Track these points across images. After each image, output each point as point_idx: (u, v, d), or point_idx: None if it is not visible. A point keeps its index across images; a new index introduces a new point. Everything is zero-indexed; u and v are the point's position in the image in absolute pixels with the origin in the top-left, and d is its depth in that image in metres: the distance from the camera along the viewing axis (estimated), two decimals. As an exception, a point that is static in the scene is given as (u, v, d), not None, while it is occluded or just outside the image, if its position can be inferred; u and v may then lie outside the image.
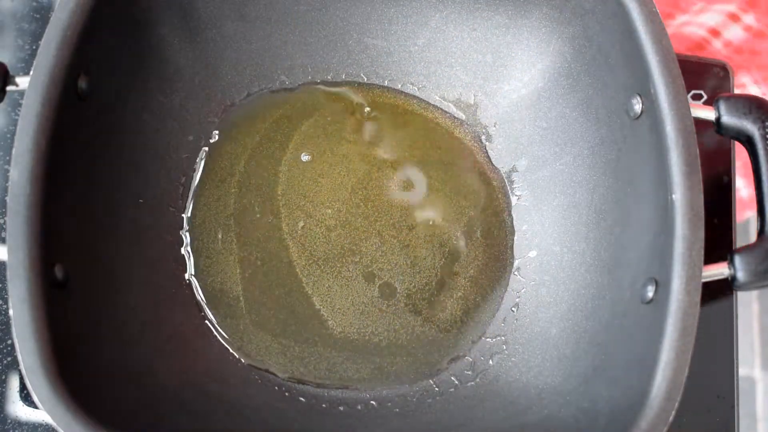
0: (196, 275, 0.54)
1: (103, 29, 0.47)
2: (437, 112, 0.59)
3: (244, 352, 0.53)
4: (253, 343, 0.53)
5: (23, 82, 0.45)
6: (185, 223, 0.55)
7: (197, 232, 0.55)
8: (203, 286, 0.54)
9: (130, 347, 0.48)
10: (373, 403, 0.52)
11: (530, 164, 0.57)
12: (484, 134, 0.59)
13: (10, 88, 0.45)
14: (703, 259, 0.42)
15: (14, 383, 0.53)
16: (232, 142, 0.57)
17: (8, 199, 0.41)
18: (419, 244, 0.56)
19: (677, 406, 0.41)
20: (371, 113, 0.59)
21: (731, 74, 0.62)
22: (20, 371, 0.42)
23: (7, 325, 0.54)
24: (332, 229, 0.56)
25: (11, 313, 0.40)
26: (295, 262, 0.55)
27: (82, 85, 0.46)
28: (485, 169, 0.58)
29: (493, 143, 0.59)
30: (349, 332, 0.54)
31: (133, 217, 0.52)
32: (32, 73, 0.43)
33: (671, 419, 0.40)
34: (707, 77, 0.62)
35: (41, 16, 0.62)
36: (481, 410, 0.51)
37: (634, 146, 0.49)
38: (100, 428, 0.39)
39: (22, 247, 0.41)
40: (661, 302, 0.43)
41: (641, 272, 0.46)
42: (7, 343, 0.54)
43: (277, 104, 0.59)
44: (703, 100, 0.62)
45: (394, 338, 0.54)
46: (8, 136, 0.59)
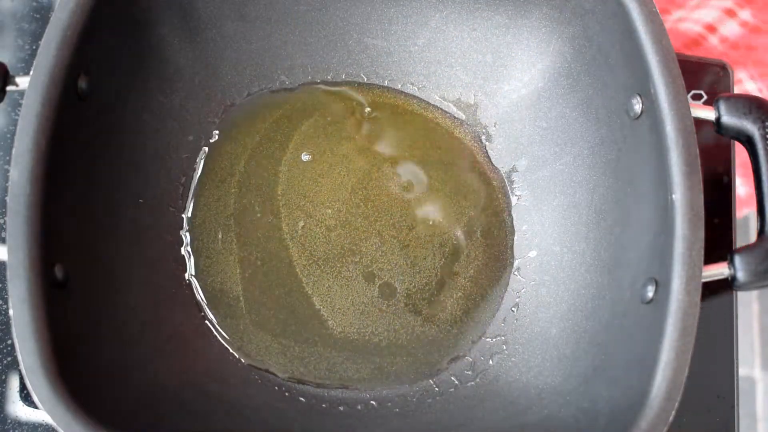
0: (196, 275, 0.54)
1: (103, 29, 0.47)
2: (437, 112, 0.59)
3: (244, 352, 0.53)
4: (253, 343, 0.53)
5: (23, 82, 0.45)
6: (185, 223, 0.55)
7: (197, 232, 0.55)
8: (203, 286, 0.54)
9: (130, 347, 0.48)
10: (373, 403, 0.52)
11: (530, 164, 0.57)
12: (484, 134, 0.59)
13: (10, 88, 0.45)
14: (703, 259, 0.42)
15: (14, 383, 0.53)
16: (232, 142, 0.57)
17: (8, 199, 0.41)
18: (419, 244, 0.56)
19: (677, 406, 0.41)
20: (371, 113, 0.59)
21: (731, 74, 0.62)
22: (20, 371, 0.42)
23: (7, 325, 0.54)
24: (332, 229, 0.56)
25: (11, 313, 0.40)
26: (295, 262, 0.55)
27: (82, 85, 0.46)
28: (485, 169, 0.58)
29: (493, 143, 0.59)
30: (349, 332, 0.54)
31: (133, 217, 0.52)
32: (32, 73, 0.43)
33: (671, 419, 0.40)
34: (707, 77, 0.62)
35: (41, 16, 0.62)
36: (481, 410, 0.51)
37: (634, 146, 0.49)
38: (100, 428, 0.39)
39: (22, 247, 0.41)
40: (661, 302, 0.43)
41: (641, 272, 0.46)
42: (7, 343, 0.54)
43: (277, 104, 0.59)
44: (703, 100, 0.62)
45: (394, 338, 0.54)
46: (8, 136, 0.59)
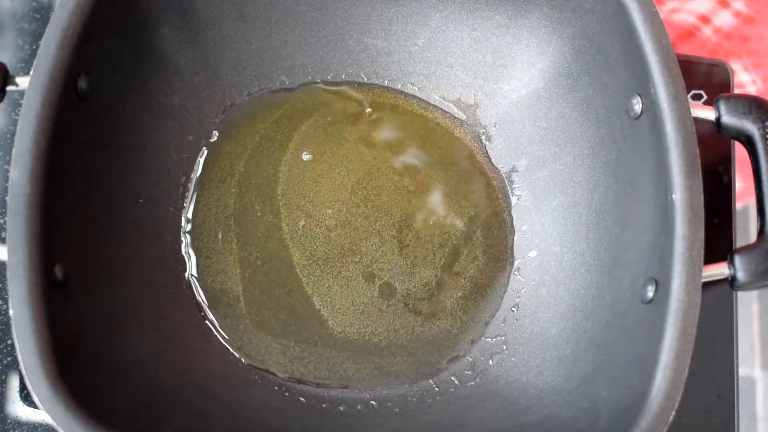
0: (196, 275, 0.54)
1: (103, 29, 0.47)
2: (437, 112, 0.59)
3: (244, 352, 0.53)
4: (253, 343, 0.53)
5: (23, 82, 0.45)
6: (185, 223, 0.55)
7: (197, 232, 0.55)
8: (203, 286, 0.54)
9: (130, 347, 0.48)
10: (373, 403, 0.52)
11: (530, 164, 0.57)
12: (484, 134, 0.59)
13: (10, 88, 0.45)
14: (703, 259, 0.42)
15: (14, 383, 0.53)
16: (232, 142, 0.57)
17: (8, 199, 0.41)
18: (419, 244, 0.56)
19: (677, 406, 0.41)
20: (371, 113, 0.59)
21: (731, 74, 0.62)
22: (20, 371, 0.42)
23: (7, 325, 0.54)
24: (332, 229, 0.56)
25: (11, 313, 0.40)
26: (295, 262, 0.55)
27: (82, 85, 0.46)
28: (485, 169, 0.58)
29: (493, 143, 0.59)
30: (349, 332, 0.54)
31: (133, 217, 0.52)
32: (32, 73, 0.43)
33: (671, 419, 0.40)
34: (707, 77, 0.62)
35: (41, 16, 0.62)
36: (481, 410, 0.51)
37: (634, 146, 0.49)
38: (100, 428, 0.39)
39: (22, 247, 0.41)
40: (661, 302, 0.43)
41: (641, 272, 0.46)
42: (7, 343, 0.54)
43: (277, 104, 0.59)
44: (703, 100, 0.62)
45: (394, 338, 0.54)
46: (8, 136, 0.59)
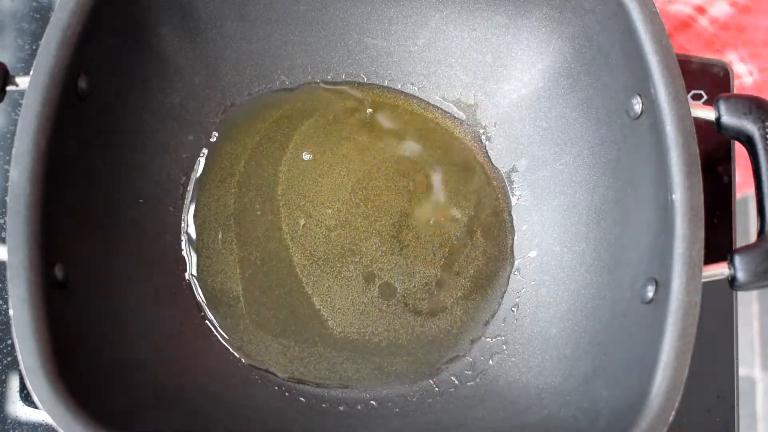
0: (196, 275, 0.54)
1: (103, 29, 0.47)
2: (437, 112, 0.59)
3: (244, 352, 0.53)
4: (253, 343, 0.53)
5: (23, 82, 0.45)
6: (185, 223, 0.55)
7: (197, 232, 0.55)
8: (203, 286, 0.54)
9: (130, 347, 0.48)
10: (373, 403, 0.52)
11: (530, 164, 0.57)
12: (484, 134, 0.59)
13: (10, 88, 0.45)
14: (703, 259, 0.42)
15: (14, 383, 0.53)
16: (232, 142, 0.57)
17: (8, 199, 0.41)
18: (419, 244, 0.56)
19: (677, 406, 0.41)
20: (371, 113, 0.59)
21: (731, 74, 0.62)
22: (20, 371, 0.42)
23: (7, 325, 0.54)
24: (332, 229, 0.56)
25: (11, 313, 0.40)
26: (295, 262, 0.55)
27: (82, 85, 0.46)
28: (485, 169, 0.58)
29: (493, 143, 0.59)
30: (349, 332, 0.54)
31: (133, 217, 0.52)
32: (32, 73, 0.43)
33: (671, 419, 0.40)
34: (707, 77, 0.62)
35: (41, 16, 0.62)
36: (481, 410, 0.51)
37: (634, 146, 0.49)
38: (100, 428, 0.39)
39: (22, 247, 0.41)
40: (661, 302, 0.43)
41: (641, 272, 0.46)
42: (7, 343, 0.54)
43: (277, 104, 0.59)
44: (703, 100, 0.61)
45: (394, 338, 0.54)
46: (8, 136, 0.59)
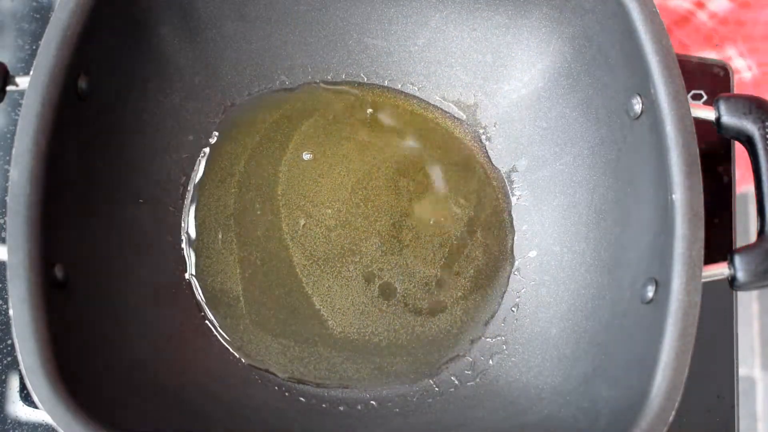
0: (196, 275, 0.54)
1: (103, 29, 0.47)
2: (437, 112, 0.59)
3: (244, 352, 0.53)
4: (253, 343, 0.53)
5: (23, 82, 0.45)
6: (185, 223, 0.55)
7: (197, 232, 0.55)
8: (203, 286, 0.54)
9: (130, 347, 0.48)
10: (373, 403, 0.52)
11: (530, 164, 0.57)
12: (484, 134, 0.59)
13: (10, 88, 0.45)
14: (703, 259, 0.42)
15: (14, 383, 0.53)
16: (232, 142, 0.57)
17: (8, 199, 0.41)
18: (419, 244, 0.56)
19: (677, 406, 0.41)
20: (371, 113, 0.59)
21: (731, 74, 0.62)
22: (20, 371, 0.42)
23: (7, 325, 0.54)
24: (332, 229, 0.56)
25: (11, 313, 0.40)
26: (295, 262, 0.55)
27: (82, 85, 0.46)
28: (485, 169, 0.58)
29: (493, 143, 0.59)
30: (349, 332, 0.54)
31: (133, 217, 0.52)
32: (32, 73, 0.43)
33: (671, 419, 0.40)
34: (707, 77, 0.62)
35: (41, 16, 0.62)
36: (481, 410, 0.51)
37: (634, 146, 0.49)
38: (100, 428, 0.39)
39: (22, 247, 0.41)
40: (661, 302, 0.43)
41: (641, 272, 0.46)
42: (7, 343, 0.54)
43: (277, 104, 0.59)
44: (703, 100, 0.61)
45: (394, 338, 0.54)
46: (8, 136, 0.59)
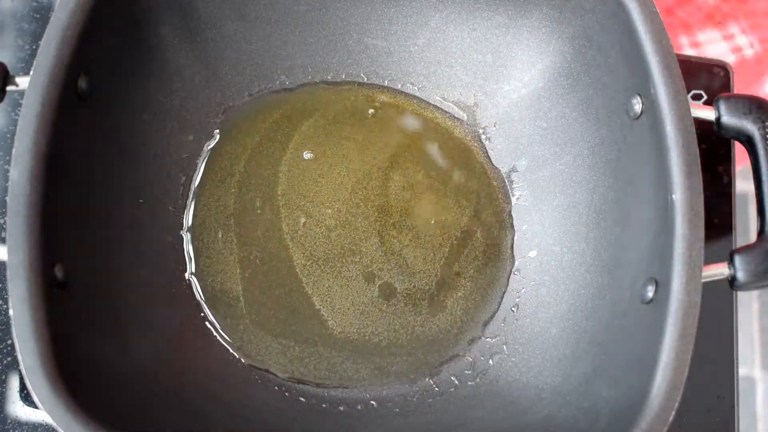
0: (196, 275, 0.54)
1: (103, 29, 0.47)
2: (437, 112, 0.59)
3: (244, 352, 0.53)
4: (253, 343, 0.53)
5: (23, 82, 0.45)
6: (185, 223, 0.55)
7: (197, 232, 0.55)
8: (203, 286, 0.54)
9: (130, 347, 0.48)
10: (373, 403, 0.52)
11: (530, 164, 0.57)
12: (484, 134, 0.59)
13: (10, 88, 0.45)
14: (703, 259, 0.42)
15: (14, 383, 0.53)
16: (232, 142, 0.57)
17: (8, 199, 0.41)
18: (419, 244, 0.56)
19: (677, 406, 0.41)
20: (371, 113, 0.59)
21: (731, 74, 0.62)
22: (20, 371, 0.42)
23: (7, 325, 0.54)
24: (332, 229, 0.56)
25: (11, 313, 0.40)
26: (295, 262, 0.55)
27: (82, 85, 0.46)
28: (485, 169, 0.58)
29: (493, 143, 0.59)
30: (349, 332, 0.54)
31: (133, 217, 0.52)
32: (32, 73, 0.43)
33: (671, 419, 0.40)
34: (707, 77, 0.62)
35: (41, 16, 0.62)
36: (481, 410, 0.51)
37: (634, 146, 0.49)
38: (100, 428, 0.39)
39: (22, 247, 0.41)
40: (661, 302, 0.43)
41: (641, 272, 0.46)
42: (7, 343, 0.54)
43: (277, 104, 0.59)
44: (703, 100, 0.61)
45: (394, 338, 0.54)
46: (8, 136, 0.59)
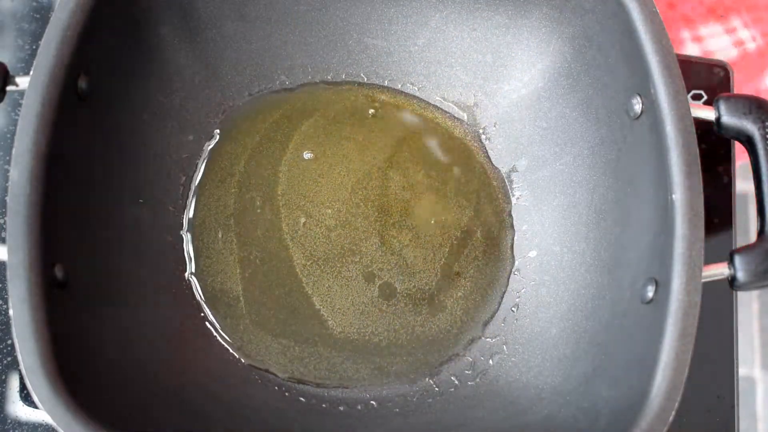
0: (196, 275, 0.54)
1: (103, 29, 0.47)
2: (437, 112, 0.59)
3: (244, 352, 0.53)
4: (253, 343, 0.53)
5: (23, 82, 0.45)
6: (185, 223, 0.55)
7: (197, 232, 0.55)
8: (203, 286, 0.54)
9: (130, 347, 0.48)
10: (373, 403, 0.52)
11: (530, 164, 0.57)
12: (484, 134, 0.59)
13: (10, 88, 0.45)
14: (703, 259, 0.42)
15: (14, 383, 0.53)
16: (232, 142, 0.57)
17: (8, 199, 0.41)
18: (419, 244, 0.56)
19: (677, 406, 0.41)
20: (371, 113, 0.59)
21: (731, 74, 0.62)
22: (20, 371, 0.42)
23: (7, 325, 0.54)
24: (332, 229, 0.56)
25: (11, 313, 0.40)
26: (295, 261, 0.55)
27: (82, 85, 0.46)
28: (485, 169, 0.58)
29: (493, 143, 0.59)
30: (349, 332, 0.54)
31: (133, 217, 0.52)
32: (32, 73, 0.43)
33: (671, 419, 0.40)
34: (707, 77, 0.62)
35: (41, 16, 0.62)
36: (481, 410, 0.51)
37: (634, 146, 0.49)
38: (100, 428, 0.39)
39: (22, 247, 0.41)
40: (661, 302, 0.43)
41: (641, 272, 0.46)
42: (7, 343, 0.54)
43: (277, 104, 0.59)
44: (703, 100, 0.61)
45: (394, 338, 0.54)
46: (8, 136, 0.59)
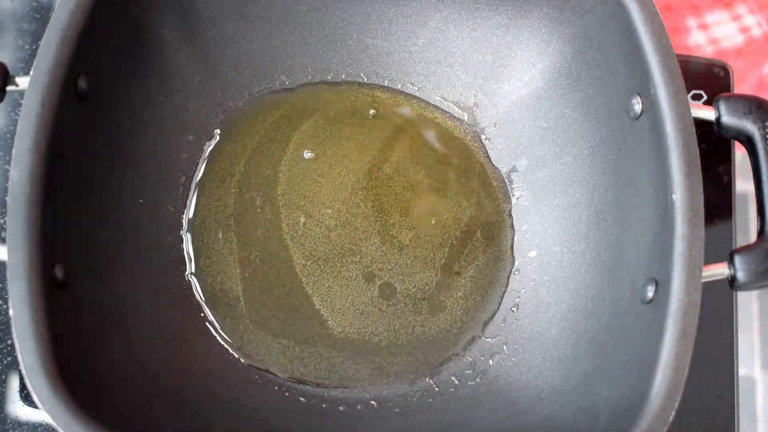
0: (196, 275, 0.54)
1: (103, 29, 0.47)
2: (437, 112, 0.59)
3: (244, 352, 0.53)
4: (253, 343, 0.53)
5: (23, 82, 0.45)
6: (185, 223, 0.55)
7: (197, 232, 0.55)
8: (203, 286, 0.54)
9: (130, 347, 0.48)
10: (373, 403, 0.52)
11: (530, 164, 0.57)
12: (484, 134, 0.59)
13: (10, 88, 0.45)
14: (703, 259, 0.42)
15: (14, 383, 0.53)
16: (232, 142, 0.57)
17: (8, 199, 0.41)
18: (419, 244, 0.56)
19: (677, 406, 0.41)
20: (371, 113, 0.59)
21: (731, 74, 0.62)
22: (20, 371, 0.42)
23: (7, 325, 0.54)
24: (332, 229, 0.56)
25: (11, 313, 0.40)
26: (295, 262, 0.55)
27: (82, 85, 0.46)
28: (485, 169, 0.58)
29: (493, 143, 0.59)
30: (349, 332, 0.54)
31: (133, 217, 0.52)
32: (32, 73, 0.43)
33: (671, 419, 0.40)
34: (707, 77, 0.62)
35: (41, 16, 0.62)
36: (481, 410, 0.51)
37: (634, 146, 0.49)
38: (100, 428, 0.39)
39: (22, 247, 0.41)
40: (661, 302, 0.43)
41: (641, 272, 0.46)
42: (7, 343, 0.54)
43: (277, 104, 0.59)
44: (703, 100, 0.61)
45: (394, 338, 0.54)
46: (8, 136, 0.59)
